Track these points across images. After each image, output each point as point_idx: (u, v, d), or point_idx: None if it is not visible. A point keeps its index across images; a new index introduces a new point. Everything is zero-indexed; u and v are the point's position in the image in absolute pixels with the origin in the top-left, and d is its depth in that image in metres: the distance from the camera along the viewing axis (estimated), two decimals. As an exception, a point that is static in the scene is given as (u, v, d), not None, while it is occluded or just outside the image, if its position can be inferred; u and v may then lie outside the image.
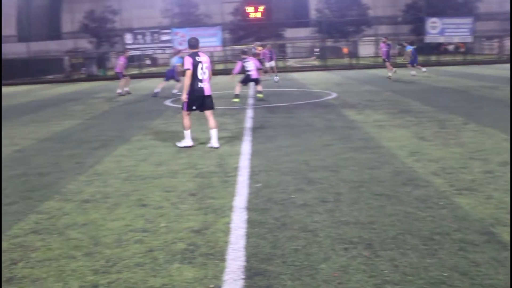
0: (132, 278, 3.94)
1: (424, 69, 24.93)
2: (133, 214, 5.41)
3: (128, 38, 35.67)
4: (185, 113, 8.80)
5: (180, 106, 9.13)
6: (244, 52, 16.18)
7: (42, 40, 43.52)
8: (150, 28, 36.46)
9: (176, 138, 9.68)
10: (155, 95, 18.84)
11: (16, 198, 6.25)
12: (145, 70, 41.07)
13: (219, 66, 39.00)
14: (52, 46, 43.25)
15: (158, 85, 19.64)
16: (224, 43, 36.96)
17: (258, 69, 16.10)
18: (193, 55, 8.46)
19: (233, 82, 17.14)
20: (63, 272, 4.11)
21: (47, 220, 5.38)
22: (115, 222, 5.20)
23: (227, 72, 33.37)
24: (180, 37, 34.76)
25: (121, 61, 20.57)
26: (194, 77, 8.42)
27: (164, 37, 35.20)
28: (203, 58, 8.54)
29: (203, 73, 8.46)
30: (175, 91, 18.68)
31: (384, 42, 24.03)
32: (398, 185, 6.05)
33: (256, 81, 15.84)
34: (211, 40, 35.09)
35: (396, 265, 3.96)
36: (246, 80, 15.85)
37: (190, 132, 8.95)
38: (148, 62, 48.81)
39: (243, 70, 15.66)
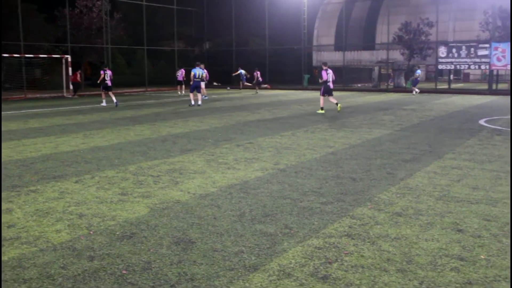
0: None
1: None
2: (448, 238, 5.05)
3: (442, 51, 34.69)
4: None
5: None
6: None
7: (356, 50, 45.60)
8: (466, 41, 34.76)
9: (493, 161, 8.92)
10: None
11: (331, 199, 6.52)
12: (453, 86, 39.48)
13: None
14: (365, 56, 44.98)
15: None
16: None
17: None
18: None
19: None
20: (375, 283, 4.03)
21: (360, 226, 5.44)
22: (428, 242, 4.94)
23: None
24: (500, 52, 32.23)
25: None
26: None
27: (481, 52, 33.10)
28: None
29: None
30: None
31: None
32: None
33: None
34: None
35: None
36: None
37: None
38: (451, 77, 46.71)
39: None
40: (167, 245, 4.86)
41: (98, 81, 23.19)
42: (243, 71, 36.70)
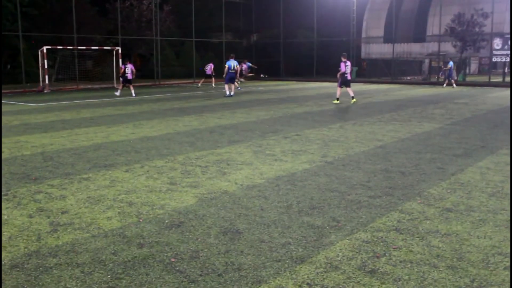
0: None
1: None
2: (501, 236, 4.90)
3: (497, 43, 33.57)
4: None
5: None
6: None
7: (406, 42, 44.62)
8: (523, 33, 33.46)
9: (551, 158, 8.59)
10: None
11: (379, 193, 6.43)
12: (508, 79, 38.12)
13: None
14: (415, 48, 43.93)
15: None
16: None
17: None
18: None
19: None
20: (424, 279, 3.96)
21: (408, 221, 5.34)
22: (481, 239, 4.80)
23: None
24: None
25: None
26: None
27: (540, 44, 31.84)
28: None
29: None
30: None
31: None
32: None
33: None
34: None
35: None
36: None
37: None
38: (506, 70, 44.99)
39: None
40: (214, 235, 4.91)
41: (120, 75, 24.69)
42: (249, 64, 36.36)
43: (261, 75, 43.57)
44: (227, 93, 23.51)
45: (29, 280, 3.95)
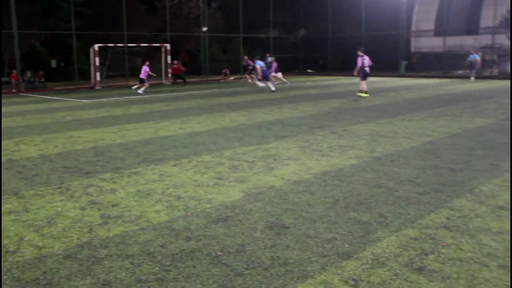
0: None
1: None
2: (556, 234, 4.72)
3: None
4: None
5: None
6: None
7: (458, 35, 43.40)
8: None
9: None
10: None
11: (428, 189, 6.31)
12: None
13: None
14: (467, 41, 42.67)
15: None
16: None
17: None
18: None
19: None
20: (474, 278, 3.87)
21: (458, 218, 5.22)
22: (534, 238, 4.64)
23: None
24: None
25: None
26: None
27: None
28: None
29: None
30: None
31: None
32: None
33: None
34: None
35: None
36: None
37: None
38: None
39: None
40: (261, 229, 4.94)
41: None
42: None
43: (308, 70, 43.34)
44: (272, 88, 23.82)
45: (82, 270, 4.09)
